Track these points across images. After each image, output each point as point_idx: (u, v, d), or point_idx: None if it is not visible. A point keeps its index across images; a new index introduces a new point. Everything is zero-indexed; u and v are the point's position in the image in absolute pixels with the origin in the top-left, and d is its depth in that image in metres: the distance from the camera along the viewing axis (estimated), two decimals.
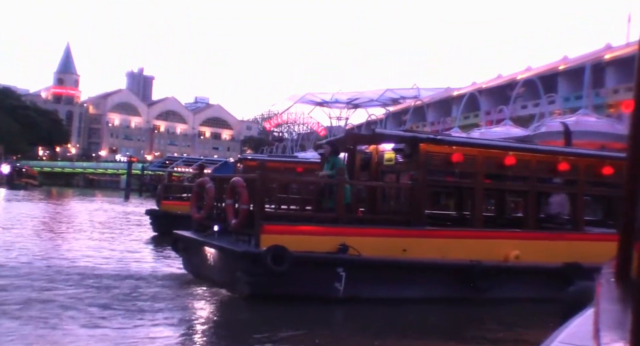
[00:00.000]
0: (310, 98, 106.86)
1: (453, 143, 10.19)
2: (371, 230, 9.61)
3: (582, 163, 11.12)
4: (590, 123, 28.42)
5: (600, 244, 11.13)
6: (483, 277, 9.63)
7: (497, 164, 10.48)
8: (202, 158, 41.10)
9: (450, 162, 10.05)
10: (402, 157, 10.45)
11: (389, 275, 9.38)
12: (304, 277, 8.90)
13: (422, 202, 10.01)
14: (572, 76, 50.47)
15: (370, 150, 11.35)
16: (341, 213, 9.48)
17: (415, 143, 9.93)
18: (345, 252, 9.10)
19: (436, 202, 17.71)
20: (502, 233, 10.70)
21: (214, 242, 9.66)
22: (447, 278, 9.72)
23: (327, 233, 9.26)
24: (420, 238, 9.79)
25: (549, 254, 10.59)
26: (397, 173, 11.06)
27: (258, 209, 9.11)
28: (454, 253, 9.89)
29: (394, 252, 9.51)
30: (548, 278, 10.40)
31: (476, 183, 10.37)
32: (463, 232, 10.42)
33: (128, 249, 15.67)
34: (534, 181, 10.79)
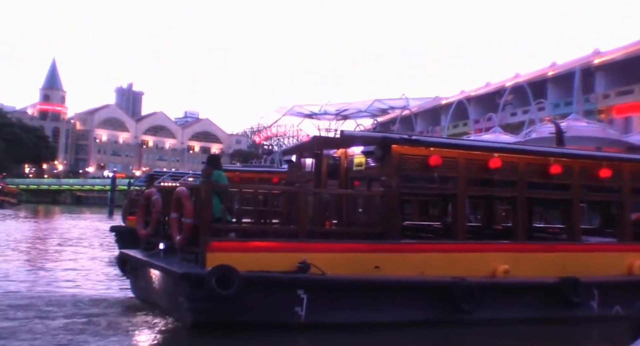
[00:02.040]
0: (299, 110, 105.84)
1: (430, 144, 8.97)
2: (337, 245, 8.35)
3: (576, 165, 9.93)
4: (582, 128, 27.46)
5: (598, 255, 9.97)
6: (467, 296, 8.38)
7: (481, 167, 9.27)
8: (190, 172, 39.92)
9: (427, 166, 8.84)
10: (373, 161, 9.24)
11: (359, 297, 8.12)
12: (258, 302, 7.64)
13: (396, 212, 8.77)
14: (562, 82, 49.61)
15: (339, 155, 10.12)
16: (302, 226, 8.23)
17: (387, 144, 8.72)
18: (306, 271, 7.84)
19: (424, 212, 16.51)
20: (488, 245, 9.46)
21: (157, 262, 8.38)
22: (426, 298, 8.47)
23: (286, 249, 8.00)
24: (395, 253, 8.55)
25: (542, 268, 9.37)
26: (369, 180, 9.83)
27: (203, 223, 7.84)
28: (434, 270, 8.65)
29: (365, 269, 8.26)
30: (542, 296, 9.20)
31: (458, 189, 9.14)
32: (444, 245, 9.18)
33: (84, 269, 14.42)
34: (523, 186, 9.57)
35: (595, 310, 9.48)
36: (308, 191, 8.48)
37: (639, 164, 10.54)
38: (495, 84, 61.32)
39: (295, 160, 10.93)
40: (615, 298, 9.65)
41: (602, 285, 9.51)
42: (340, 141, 9.83)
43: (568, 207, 10.15)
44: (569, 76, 45.05)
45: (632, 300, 9.58)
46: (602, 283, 9.53)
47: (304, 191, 8.29)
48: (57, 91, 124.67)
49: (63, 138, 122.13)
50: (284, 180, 15.55)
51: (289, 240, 8.19)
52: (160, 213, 9.03)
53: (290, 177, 11.14)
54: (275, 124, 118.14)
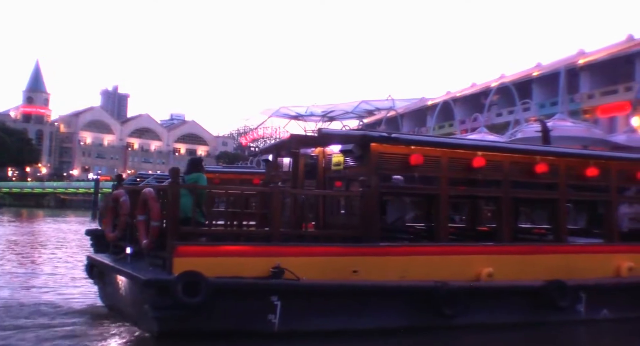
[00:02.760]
0: (285, 112, 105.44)
1: (411, 143, 8.58)
2: (313, 248, 7.94)
3: (562, 164, 9.59)
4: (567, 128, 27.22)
5: (585, 257, 9.65)
6: (450, 301, 8.00)
7: (464, 166, 8.90)
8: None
9: (408, 165, 8.45)
10: (351, 160, 8.84)
11: (336, 303, 7.72)
12: (228, 309, 7.21)
13: (375, 213, 8.37)
14: (547, 82, 49.64)
15: (317, 154, 9.71)
16: (276, 229, 7.80)
17: (366, 143, 8.32)
18: (280, 276, 7.42)
19: None
20: (471, 247, 9.08)
21: (123, 267, 7.92)
22: (407, 303, 8.09)
23: (259, 253, 7.57)
24: (374, 257, 8.15)
25: (527, 271, 9.02)
26: (347, 180, 9.43)
27: (170, 226, 7.39)
28: (416, 273, 8.26)
29: (342, 274, 7.86)
30: (527, 299, 8.85)
31: (440, 189, 8.76)
32: (425, 247, 8.80)
33: (57, 274, 13.92)
34: (507, 185, 9.21)
35: (583, 314, 9.14)
36: (282, 191, 8.05)
37: (626, 162, 10.23)
38: (480, 85, 61.32)
39: (272, 160, 10.51)
40: (603, 301, 9.33)
41: (589, 288, 9.17)
42: (318, 139, 9.42)
43: (554, 207, 9.82)
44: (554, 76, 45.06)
45: (620, 304, 9.32)
46: (590, 286, 9.20)
47: (278, 191, 7.86)
48: (41, 93, 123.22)
49: (47, 141, 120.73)
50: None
51: (262, 243, 7.76)
52: (128, 215, 8.56)
53: (267, 177, 10.71)
54: (262, 126, 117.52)
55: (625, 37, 48.87)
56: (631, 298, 9.53)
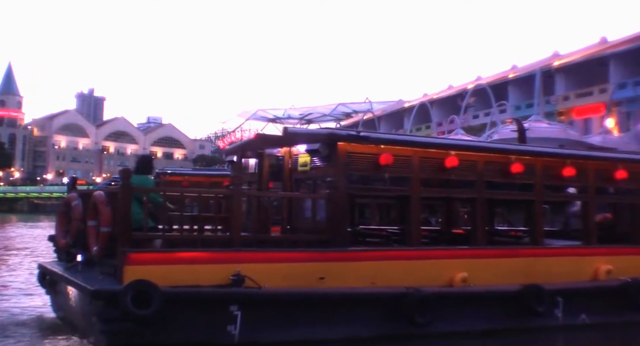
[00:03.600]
0: (262, 115, 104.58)
1: (381, 141, 8.14)
2: (276, 254, 7.46)
3: (539, 164, 9.23)
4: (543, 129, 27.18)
5: (563, 260, 9.31)
6: (422, 308, 7.57)
7: (437, 166, 8.48)
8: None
9: (377, 165, 8.02)
10: (318, 160, 8.38)
11: (301, 312, 7.24)
12: (184, 321, 6.70)
13: (343, 216, 7.91)
14: (522, 84, 49.80)
15: (283, 154, 9.24)
16: (236, 233, 7.30)
17: (333, 142, 7.87)
18: (240, 285, 6.93)
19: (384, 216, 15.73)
20: (444, 251, 8.66)
21: (72, 276, 7.36)
22: (377, 311, 7.65)
23: (217, 260, 7.06)
24: (342, 262, 7.70)
25: (503, 275, 8.64)
26: (314, 181, 8.97)
27: (121, 232, 6.86)
28: (386, 279, 7.83)
29: (308, 281, 7.39)
30: (503, 305, 8.46)
31: (412, 190, 8.34)
32: (396, 251, 8.36)
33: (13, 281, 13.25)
34: (482, 186, 8.83)
35: (560, 319, 8.79)
36: (242, 194, 7.56)
37: (604, 163, 9.91)
38: (457, 87, 61.42)
39: (236, 161, 10.01)
40: (581, 306, 8.99)
41: (567, 292, 8.82)
42: (284, 139, 8.94)
43: (530, 209, 9.46)
44: (530, 78, 45.21)
45: (598, 308, 8.98)
46: (567, 290, 8.85)
47: (238, 194, 7.37)
48: (14, 96, 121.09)
49: (20, 144, 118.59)
50: None
51: (221, 249, 7.26)
52: (81, 220, 8.01)
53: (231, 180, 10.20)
54: (239, 129, 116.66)
55: (599, 40, 49.32)
56: (610, 302, 9.20)
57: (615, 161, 9.97)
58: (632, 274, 9.42)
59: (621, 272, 9.36)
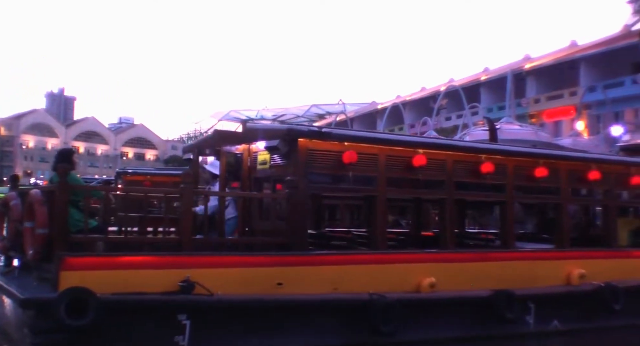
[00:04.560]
0: (235, 116, 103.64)
1: (344, 138, 7.65)
2: (230, 258, 6.91)
3: (510, 164, 8.84)
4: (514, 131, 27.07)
5: (535, 264, 8.93)
6: (387, 316, 7.10)
7: (404, 165, 8.03)
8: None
9: (341, 163, 7.53)
10: (278, 158, 7.87)
11: (256, 321, 6.72)
12: (126, 331, 6.12)
13: (303, 218, 7.40)
14: (494, 86, 49.92)
15: (242, 152, 8.71)
16: (186, 236, 6.75)
17: (293, 138, 7.35)
18: (189, 291, 6.37)
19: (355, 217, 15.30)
20: (411, 255, 8.20)
21: (6, 283, 6.72)
22: (339, 319, 7.16)
23: (164, 265, 6.49)
24: (302, 267, 7.19)
25: (473, 280, 8.22)
26: (274, 180, 8.45)
27: (57, 234, 6.26)
28: (349, 285, 7.34)
29: (265, 287, 6.85)
30: (473, 311, 8.04)
31: (377, 190, 7.86)
32: (360, 255, 7.87)
33: None
34: (451, 186, 8.40)
35: (532, 326, 8.40)
36: (192, 193, 6.99)
37: (577, 163, 9.57)
38: (430, 89, 61.46)
39: (193, 159, 9.44)
40: (553, 311, 8.61)
41: (538, 297, 8.44)
42: (243, 136, 8.41)
43: (501, 210, 9.06)
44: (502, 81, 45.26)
45: (571, 314, 8.62)
46: (539, 295, 8.47)
47: (188, 193, 6.81)
48: None
49: None
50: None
51: (170, 253, 6.70)
52: (19, 221, 7.36)
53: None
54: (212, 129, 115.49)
55: (569, 43, 49.73)
56: (583, 308, 8.86)
57: (588, 161, 9.64)
58: (605, 278, 9.09)
59: (594, 276, 9.03)
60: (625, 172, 9.92)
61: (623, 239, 10.27)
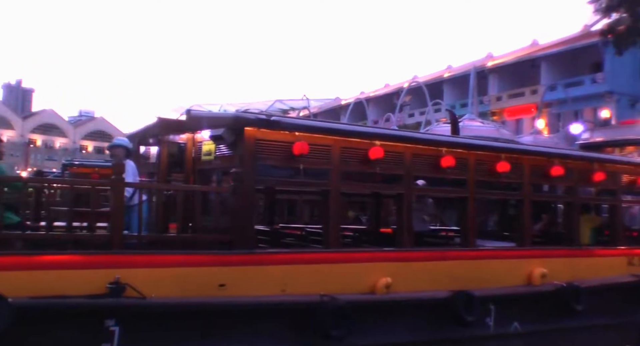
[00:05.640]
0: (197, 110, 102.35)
1: (295, 128, 7.10)
2: (166, 257, 6.29)
3: (472, 158, 8.42)
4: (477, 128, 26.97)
5: (495, 263, 8.53)
6: (338, 319, 6.59)
7: (360, 158, 7.52)
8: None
9: (291, 155, 6.97)
10: (224, 148, 7.27)
11: (194, 326, 6.13)
12: (45, 340, 5.47)
13: (249, 213, 6.83)
14: (457, 84, 50.03)
15: (186, 141, 8.08)
16: (116, 233, 6.10)
17: (239, 127, 6.77)
18: (119, 294, 5.74)
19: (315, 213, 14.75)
20: (366, 254, 7.71)
21: None
22: (287, 323, 6.62)
23: (92, 264, 5.85)
24: (247, 267, 6.62)
25: (431, 280, 7.78)
26: (219, 172, 7.86)
27: None
28: (299, 286, 6.80)
29: (206, 289, 6.27)
30: (430, 314, 7.59)
31: (331, 184, 7.34)
32: (310, 254, 7.34)
33: None
34: (409, 181, 7.93)
35: (491, 329, 8.01)
36: (124, 185, 6.33)
37: (540, 158, 9.20)
38: (394, 86, 61.32)
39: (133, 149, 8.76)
40: (514, 313, 8.24)
41: (499, 298, 8.05)
42: (187, 124, 7.78)
43: (462, 207, 8.64)
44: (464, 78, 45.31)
45: (532, 315, 8.25)
46: (500, 296, 8.08)
47: (119, 185, 6.16)
48: None
49: None
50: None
51: (98, 251, 6.05)
52: None
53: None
54: None
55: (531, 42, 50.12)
56: (544, 308, 8.51)
57: (551, 156, 9.28)
58: (567, 278, 8.77)
59: (556, 276, 8.69)
60: (589, 168, 9.62)
61: (585, 237, 10.00)
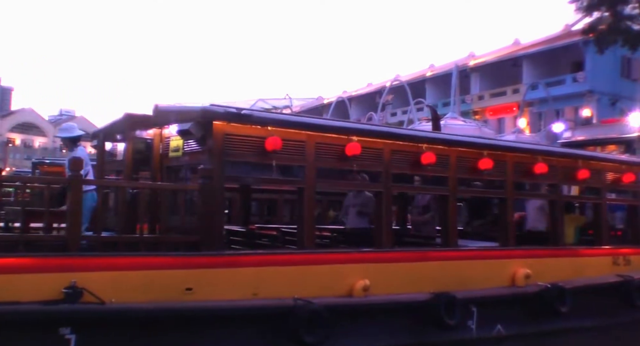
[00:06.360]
0: None
1: (268, 122, 6.73)
2: (128, 259, 5.89)
3: (453, 155, 8.11)
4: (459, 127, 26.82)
5: (477, 264, 8.24)
6: (313, 324, 6.23)
7: (337, 155, 7.17)
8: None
9: (264, 151, 6.60)
10: (193, 144, 6.88)
11: (159, 333, 5.73)
12: None
13: (218, 213, 6.44)
14: (439, 83, 49.89)
15: (153, 137, 7.67)
16: (74, 234, 5.69)
17: (207, 121, 6.39)
18: (76, 300, 5.34)
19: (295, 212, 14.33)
20: (343, 255, 7.34)
21: None
22: (258, 329, 6.25)
23: (46, 268, 5.43)
24: (216, 269, 6.23)
25: (411, 282, 7.45)
26: (187, 170, 7.45)
27: None
28: (272, 290, 6.44)
29: (172, 293, 5.88)
30: (410, 317, 7.27)
31: (306, 182, 6.97)
32: (284, 256, 6.96)
33: None
34: (388, 178, 7.59)
35: (474, 332, 7.71)
36: (82, 182, 5.91)
37: (523, 155, 8.92)
38: (376, 85, 61.10)
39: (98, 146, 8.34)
40: (497, 315, 7.95)
41: (481, 300, 7.75)
42: (154, 119, 7.38)
43: (443, 205, 8.33)
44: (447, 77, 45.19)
45: (516, 317, 7.95)
46: (482, 298, 7.78)
47: (77, 182, 5.75)
48: None
49: None
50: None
51: (52, 254, 5.63)
52: None
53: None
54: None
55: (512, 41, 50.21)
56: (528, 310, 8.23)
57: (535, 153, 9.01)
58: (551, 278, 8.50)
59: (540, 276, 8.42)
60: (573, 166, 9.36)
61: (569, 236, 9.74)
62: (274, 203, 14.29)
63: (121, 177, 8.19)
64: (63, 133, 7.54)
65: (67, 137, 7.43)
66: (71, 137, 7.41)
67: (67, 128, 7.62)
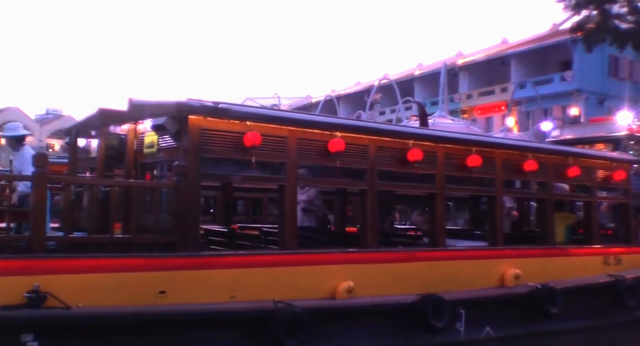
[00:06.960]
0: None
1: (247, 117, 6.42)
2: (96, 261, 5.55)
3: (440, 151, 7.84)
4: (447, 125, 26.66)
5: (466, 264, 7.97)
6: (293, 328, 5.94)
7: (319, 151, 6.88)
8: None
9: (242, 147, 6.29)
10: (168, 140, 6.56)
11: (129, 339, 5.41)
12: None
13: (194, 212, 6.12)
14: (428, 81, 49.76)
15: (127, 133, 7.34)
16: (38, 234, 5.36)
17: (183, 116, 6.08)
18: (39, 305, 5.01)
19: None
20: (325, 255, 7.02)
21: None
22: (236, 333, 5.96)
23: (7, 271, 5.10)
24: (191, 271, 5.92)
25: (397, 283, 7.18)
26: (162, 166, 7.13)
27: None
28: (251, 292, 6.14)
29: (144, 296, 5.57)
30: (396, 320, 7.00)
31: (287, 179, 6.67)
32: (263, 256, 6.66)
33: None
34: (373, 176, 7.30)
35: (462, 334, 7.45)
36: (47, 180, 5.57)
37: (513, 152, 8.67)
38: (364, 84, 60.91)
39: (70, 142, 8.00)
40: (486, 317, 7.70)
41: (470, 302, 7.49)
42: (129, 114, 7.04)
43: (430, 204, 8.06)
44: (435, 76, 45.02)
45: (505, 319, 7.69)
46: (471, 299, 7.52)
47: (42, 180, 5.41)
48: None
49: None
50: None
51: (14, 256, 5.30)
52: None
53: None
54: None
55: (501, 40, 50.22)
56: (517, 312, 7.98)
57: (524, 150, 8.77)
58: (541, 279, 8.26)
59: (530, 277, 8.17)
60: (563, 163, 9.12)
61: (560, 235, 9.51)
62: (259, 202, 13.99)
63: (94, 174, 7.86)
64: (8, 132, 7.30)
65: (12, 136, 7.22)
66: (15, 136, 7.25)
67: (11, 127, 7.46)
